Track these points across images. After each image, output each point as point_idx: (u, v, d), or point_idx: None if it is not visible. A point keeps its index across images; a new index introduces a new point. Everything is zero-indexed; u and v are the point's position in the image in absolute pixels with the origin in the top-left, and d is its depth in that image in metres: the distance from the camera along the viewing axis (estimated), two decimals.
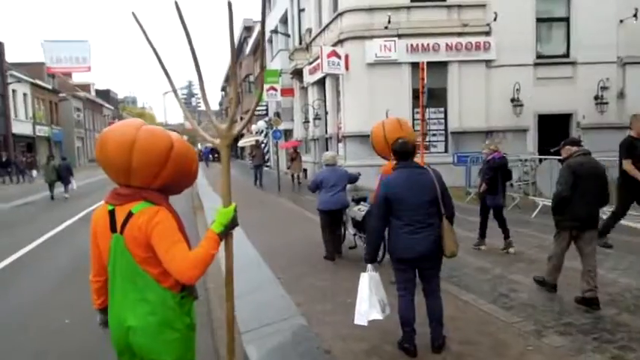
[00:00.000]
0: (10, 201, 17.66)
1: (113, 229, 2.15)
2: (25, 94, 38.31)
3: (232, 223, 2.29)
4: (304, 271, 6.37)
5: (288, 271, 6.34)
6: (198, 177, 2.49)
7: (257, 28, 32.22)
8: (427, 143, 13.43)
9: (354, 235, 7.16)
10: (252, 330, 4.52)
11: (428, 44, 15.24)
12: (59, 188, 17.68)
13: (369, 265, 3.76)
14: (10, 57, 38.56)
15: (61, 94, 46.85)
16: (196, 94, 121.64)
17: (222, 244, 2.28)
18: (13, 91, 36.17)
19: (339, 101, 17.41)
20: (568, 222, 4.76)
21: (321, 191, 6.90)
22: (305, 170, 20.64)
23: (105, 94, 66.23)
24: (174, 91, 2.53)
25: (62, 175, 17.46)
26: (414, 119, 15.63)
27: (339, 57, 15.70)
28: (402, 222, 3.64)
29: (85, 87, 55.81)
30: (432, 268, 3.79)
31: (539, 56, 15.79)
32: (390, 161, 5.60)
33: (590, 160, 4.79)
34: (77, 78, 53.94)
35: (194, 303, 2.37)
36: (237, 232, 2.31)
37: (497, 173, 6.99)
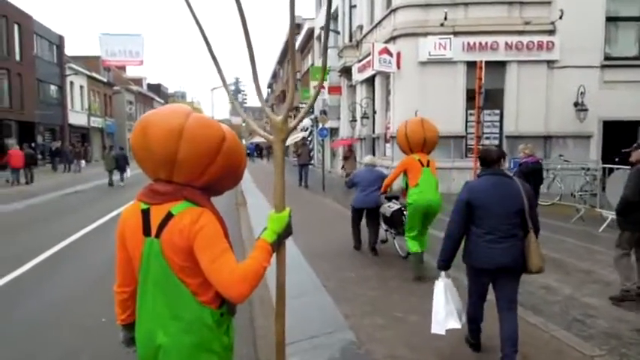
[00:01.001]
0: (59, 190, 18.22)
1: (146, 231, 1.82)
2: (81, 87, 39.86)
3: (287, 231, 1.95)
4: (351, 278, 5.99)
5: (334, 277, 5.97)
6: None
7: (306, 26, 32.01)
8: (480, 147, 12.70)
9: (386, 230, 7.47)
10: (295, 342, 4.16)
11: (486, 43, 14.44)
12: (116, 176, 19.36)
13: (443, 272, 3.66)
14: (69, 50, 40.20)
15: (115, 87, 48.50)
16: (243, 91, 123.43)
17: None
18: (71, 83, 37.67)
19: (388, 100, 16.88)
20: (631, 224, 4.89)
21: (357, 189, 7.31)
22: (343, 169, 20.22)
23: (156, 89, 68.18)
24: (223, 80, 2.18)
25: (120, 163, 19.20)
26: (467, 121, 14.97)
27: (390, 54, 15.15)
28: (483, 230, 3.43)
29: (138, 81, 57.59)
30: (511, 282, 3.49)
31: (607, 58, 14.66)
32: (408, 155, 6.10)
33: None
34: (130, 72, 55.75)
35: (233, 319, 2.02)
36: None
37: (528, 178, 6.89)
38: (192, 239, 1.74)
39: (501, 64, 14.56)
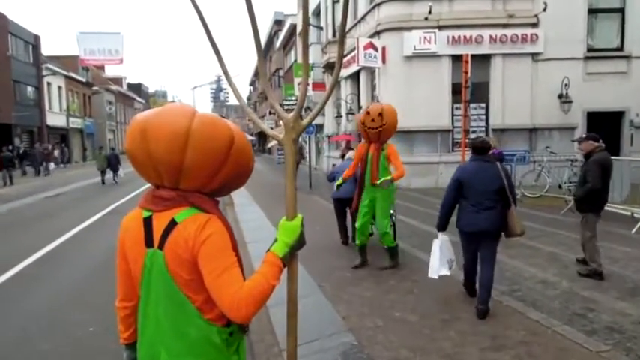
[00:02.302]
0: (41, 192, 17.77)
1: (149, 242, 1.63)
2: (59, 87, 38.98)
3: (299, 242, 1.76)
4: (346, 277, 5.86)
5: (329, 278, 5.84)
6: None
7: (288, 22, 31.71)
8: (468, 140, 12.70)
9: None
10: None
11: (470, 36, 14.44)
12: (108, 175, 20.26)
13: (440, 233, 4.75)
14: (46, 50, 39.30)
15: (94, 87, 47.58)
16: (225, 89, 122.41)
17: None
18: (48, 83, 36.79)
19: (374, 95, 16.77)
20: (598, 207, 5.60)
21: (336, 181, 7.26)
22: (334, 166, 20.05)
23: (136, 88, 67.25)
24: (225, 72, 2.01)
25: (111, 163, 20.01)
26: (453, 115, 14.95)
27: (375, 49, 15.04)
28: (469, 202, 4.52)
29: (117, 80, 56.65)
30: (490, 243, 4.55)
31: (590, 49, 14.78)
32: (363, 144, 6.17)
33: (607, 155, 5.65)
34: (110, 71, 54.86)
35: (244, 338, 1.85)
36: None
37: None
38: (197, 249, 1.57)
39: (486, 58, 14.58)
